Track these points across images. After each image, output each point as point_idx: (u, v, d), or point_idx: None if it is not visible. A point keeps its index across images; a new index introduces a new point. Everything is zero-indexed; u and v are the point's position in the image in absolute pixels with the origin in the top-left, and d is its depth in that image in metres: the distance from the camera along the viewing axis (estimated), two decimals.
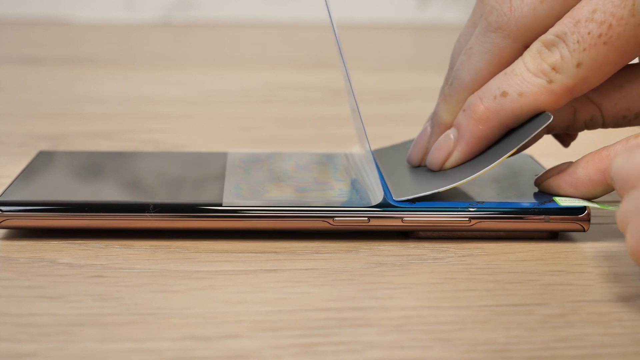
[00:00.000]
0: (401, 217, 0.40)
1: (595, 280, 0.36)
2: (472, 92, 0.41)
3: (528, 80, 0.40)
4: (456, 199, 0.40)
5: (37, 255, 0.39)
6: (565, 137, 0.45)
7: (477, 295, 0.35)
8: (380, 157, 0.45)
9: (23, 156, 0.51)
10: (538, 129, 0.39)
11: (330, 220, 0.40)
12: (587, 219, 0.40)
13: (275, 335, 0.32)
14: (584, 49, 0.39)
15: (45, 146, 0.55)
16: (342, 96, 0.72)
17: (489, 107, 0.40)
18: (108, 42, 1.00)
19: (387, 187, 0.41)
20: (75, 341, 0.32)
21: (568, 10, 0.40)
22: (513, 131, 0.40)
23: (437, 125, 0.42)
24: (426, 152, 0.43)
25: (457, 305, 0.34)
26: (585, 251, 0.39)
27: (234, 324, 0.33)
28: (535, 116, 0.40)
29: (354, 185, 0.43)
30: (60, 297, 0.35)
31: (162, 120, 0.63)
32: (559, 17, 0.40)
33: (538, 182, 0.41)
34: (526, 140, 0.40)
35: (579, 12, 0.39)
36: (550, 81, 0.39)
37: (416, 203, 0.40)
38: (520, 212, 0.40)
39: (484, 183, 0.42)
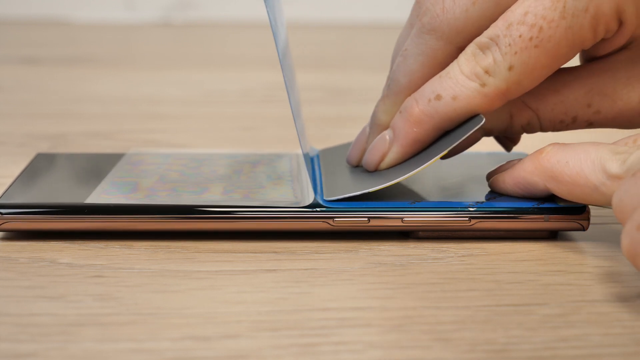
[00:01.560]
0: (401, 217, 0.40)
1: (595, 280, 0.36)
2: (409, 94, 0.42)
3: (462, 84, 0.40)
4: (456, 198, 0.41)
5: (37, 255, 0.39)
6: (506, 141, 0.45)
7: (477, 295, 0.35)
8: (326, 156, 0.46)
9: (23, 156, 0.51)
10: (469, 131, 0.40)
11: (330, 221, 0.40)
12: (587, 218, 0.40)
13: (275, 335, 0.32)
14: (516, 52, 0.39)
15: (45, 146, 0.55)
16: (342, 96, 0.73)
17: (424, 110, 0.40)
18: (108, 42, 1.00)
19: (322, 187, 0.41)
20: (75, 341, 0.32)
21: (502, 12, 0.40)
22: (447, 133, 0.41)
23: (375, 126, 0.43)
24: (364, 152, 0.43)
25: (457, 305, 0.34)
26: (585, 251, 0.39)
27: (234, 324, 0.33)
28: (469, 119, 0.40)
29: (290, 185, 0.43)
30: (60, 297, 0.35)
31: (162, 120, 0.63)
32: (492, 19, 0.40)
33: (488, 177, 0.41)
34: (457, 143, 0.40)
35: (512, 14, 0.39)
36: (483, 84, 0.39)
37: (349, 203, 0.40)
38: (520, 212, 0.40)
39: (484, 182, 0.42)
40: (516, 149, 0.49)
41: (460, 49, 0.41)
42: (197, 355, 0.31)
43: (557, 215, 0.39)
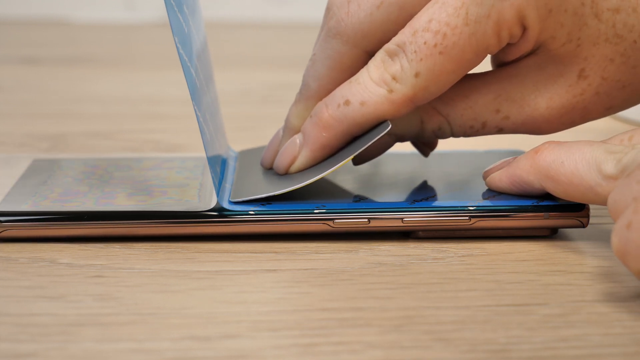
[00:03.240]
0: (401, 217, 0.40)
1: (595, 280, 0.36)
2: (319, 98, 0.42)
3: (370, 90, 0.40)
4: (456, 198, 0.41)
5: (37, 255, 0.39)
6: (422, 147, 0.45)
7: (477, 295, 0.35)
8: (244, 158, 0.46)
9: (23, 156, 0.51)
10: (376, 137, 0.40)
11: (330, 223, 0.40)
12: (587, 215, 0.40)
13: (275, 335, 0.32)
14: (421, 59, 0.39)
15: (45, 146, 0.55)
16: None
17: (333, 115, 0.40)
18: (108, 42, 1.00)
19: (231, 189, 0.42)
20: (75, 341, 0.32)
21: (408, 16, 0.40)
22: (357, 139, 0.41)
23: (287, 130, 0.43)
24: (277, 155, 0.43)
25: (457, 305, 0.34)
26: (585, 251, 0.39)
27: (234, 324, 0.33)
28: (378, 124, 0.40)
29: (197, 189, 0.43)
30: (60, 297, 0.35)
31: (162, 120, 0.63)
32: (398, 23, 0.40)
33: (485, 175, 0.41)
34: (363, 148, 0.40)
35: (417, 21, 0.39)
36: (390, 91, 0.39)
37: (257, 204, 0.40)
38: (520, 210, 0.40)
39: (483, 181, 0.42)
40: (513, 145, 0.49)
41: (368, 53, 0.41)
42: (197, 355, 0.31)
43: (556, 212, 0.39)
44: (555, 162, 0.38)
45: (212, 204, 0.40)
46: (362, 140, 0.40)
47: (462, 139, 0.43)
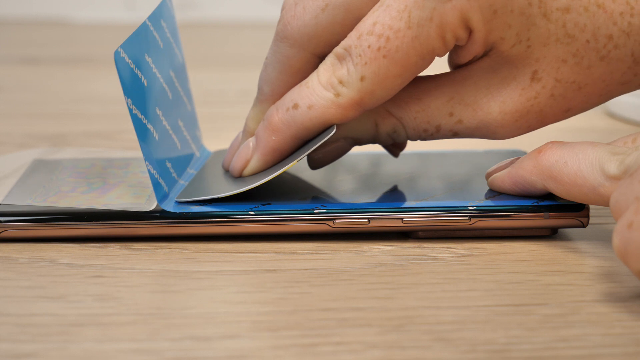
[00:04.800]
0: (401, 217, 0.40)
1: (595, 280, 0.36)
2: (273, 102, 0.42)
3: (318, 93, 0.40)
4: (456, 198, 0.41)
5: (37, 255, 0.39)
6: (392, 148, 0.45)
7: (477, 295, 0.35)
8: (214, 158, 0.47)
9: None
10: (321, 141, 0.40)
11: (330, 223, 0.40)
12: (587, 215, 0.40)
13: (275, 335, 0.32)
14: (365, 63, 0.39)
15: (45, 146, 0.55)
16: None
17: (282, 119, 0.41)
18: (108, 42, 1.00)
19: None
20: (75, 341, 0.32)
21: (354, 18, 0.40)
22: (306, 143, 0.41)
23: (245, 133, 0.43)
24: None
25: (457, 305, 0.34)
26: (585, 251, 0.39)
27: (234, 324, 0.33)
28: (327, 128, 0.40)
29: (149, 189, 0.43)
30: (60, 297, 0.35)
31: None
32: (345, 25, 0.40)
33: (487, 176, 0.41)
34: (307, 153, 0.40)
35: (363, 24, 0.39)
36: (337, 94, 0.39)
37: (200, 205, 0.40)
38: (520, 210, 0.40)
39: (484, 181, 0.42)
40: (514, 146, 0.49)
41: (317, 55, 0.41)
42: (197, 355, 0.31)
43: (556, 212, 0.39)
44: (558, 162, 0.37)
45: (152, 205, 0.40)
46: (309, 144, 0.41)
47: (462, 138, 0.43)
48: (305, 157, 0.42)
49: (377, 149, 0.47)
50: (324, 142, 0.41)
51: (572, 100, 0.40)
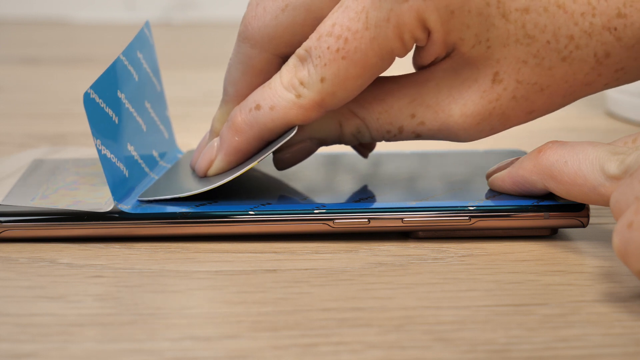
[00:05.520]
0: (401, 217, 0.40)
1: (595, 280, 0.36)
2: (237, 103, 0.42)
3: (279, 94, 0.40)
4: (455, 198, 0.41)
5: (37, 255, 0.39)
6: (359, 149, 0.45)
7: (477, 295, 0.35)
8: (186, 158, 0.47)
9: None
10: (281, 142, 0.40)
11: (330, 223, 0.40)
12: (587, 215, 0.40)
13: (275, 335, 0.32)
14: (325, 64, 0.39)
15: (45, 146, 0.55)
16: None
17: (245, 120, 0.41)
18: (108, 42, 1.00)
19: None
20: (75, 341, 0.32)
21: (315, 19, 0.40)
22: (269, 144, 0.41)
23: (211, 133, 0.44)
24: None
25: (457, 305, 0.34)
26: (585, 251, 0.39)
27: (234, 324, 0.33)
28: (289, 129, 0.40)
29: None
30: (60, 297, 0.35)
31: None
32: (306, 26, 0.40)
33: (487, 176, 0.41)
34: (269, 153, 0.40)
35: (322, 26, 0.39)
36: (298, 95, 0.39)
37: (159, 205, 0.40)
38: (520, 210, 0.40)
39: (484, 181, 0.42)
40: (514, 145, 0.49)
41: (279, 56, 0.41)
42: (197, 355, 0.31)
43: (556, 212, 0.39)
44: (558, 161, 0.37)
45: (110, 206, 0.40)
46: (272, 144, 0.41)
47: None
48: (271, 157, 0.42)
49: (377, 149, 0.47)
50: (289, 143, 0.42)
51: (535, 102, 0.40)
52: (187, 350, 0.31)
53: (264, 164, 0.45)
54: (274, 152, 0.42)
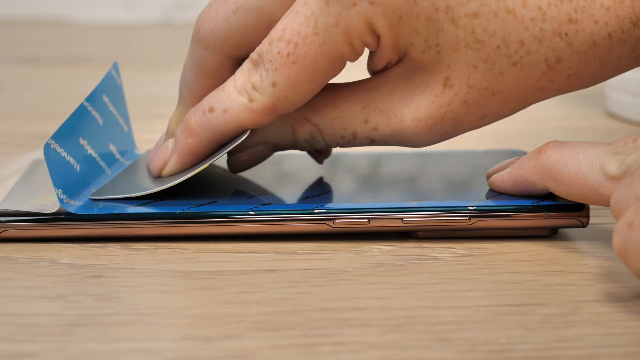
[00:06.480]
0: (401, 217, 0.40)
1: (595, 280, 0.36)
2: (193, 104, 0.42)
3: (232, 98, 0.40)
4: (455, 198, 0.41)
5: (37, 255, 0.39)
6: (314, 154, 0.45)
7: (477, 295, 0.35)
8: (144, 158, 0.47)
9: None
10: (233, 144, 0.40)
11: (330, 223, 0.40)
12: (587, 215, 0.40)
13: (275, 335, 0.32)
14: (276, 69, 0.39)
15: None
16: None
17: (198, 122, 0.41)
18: (108, 42, 1.00)
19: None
20: (75, 341, 0.32)
21: (267, 22, 0.40)
22: (222, 146, 0.41)
23: (167, 134, 0.44)
24: None
25: (457, 305, 0.34)
26: (585, 251, 0.39)
27: (234, 324, 0.33)
28: (242, 133, 0.41)
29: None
30: (60, 297, 0.35)
31: (162, 120, 0.63)
32: (258, 29, 0.40)
33: (487, 176, 0.41)
34: (220, 155, 0.40)
35: (274, 30, 0.39)
36: (251, 99, 0.40)
37: (101, 206, 0.40)
38: (520, 210, 0.40)
39: (484, 181, 0.42)
40: (514, 145, 0.49)
41: (232, 58, 0.41)
42: (197, 355, 0.31)
43: (556, 212, 0.39)
44: (559, 162, 0.37)
45: (57, 207, 0.40)
46: (224, 147, 0.41)
47: (462, 138, 0.43)
48: (226, 159, 0.43)
49: (377, 148, 0.47)
50: (243, 146, 0.42)
51: (487, 107, 0.40)
52: (187, 350, 0.31)
53: (262, 164, 0.45)
54: (228, 155, 0.42)
